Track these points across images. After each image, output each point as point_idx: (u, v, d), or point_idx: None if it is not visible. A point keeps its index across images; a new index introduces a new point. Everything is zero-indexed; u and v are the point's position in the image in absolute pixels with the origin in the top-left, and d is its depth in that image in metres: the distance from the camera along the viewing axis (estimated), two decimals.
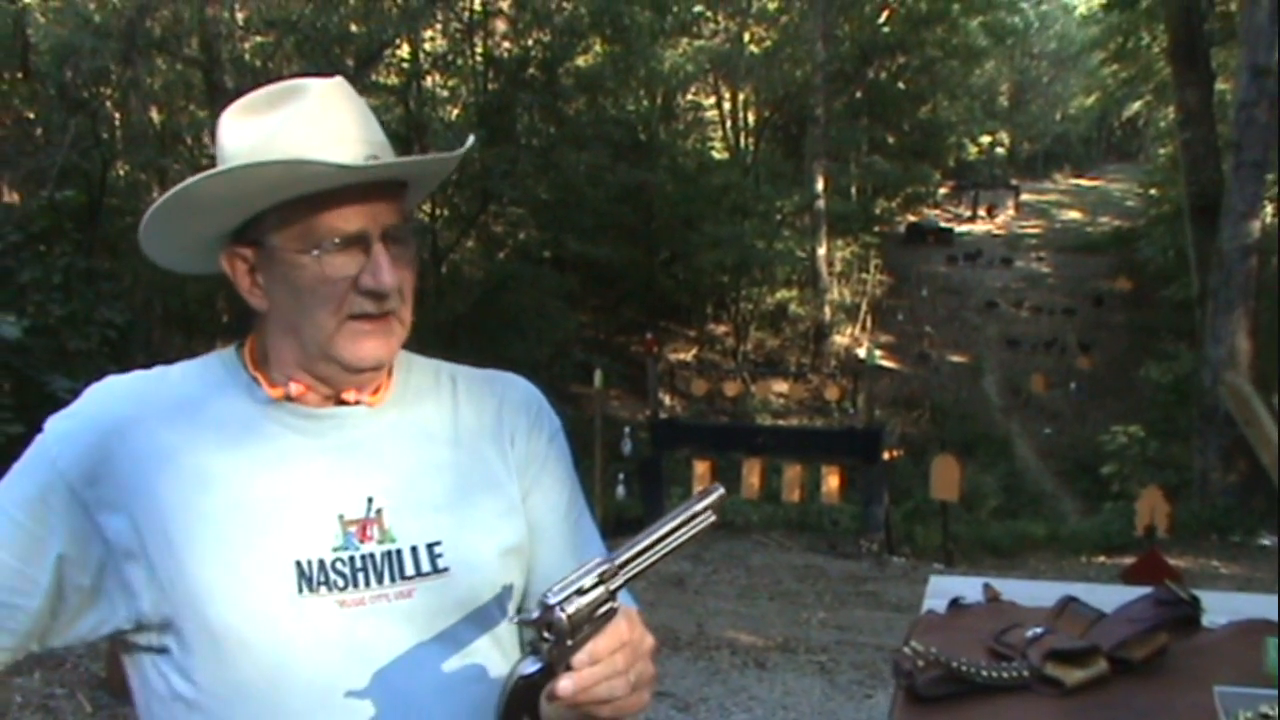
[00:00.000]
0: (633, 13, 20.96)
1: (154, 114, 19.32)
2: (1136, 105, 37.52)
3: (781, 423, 21.01)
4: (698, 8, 25.37)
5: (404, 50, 20.84)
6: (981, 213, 39.75)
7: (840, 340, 27.13)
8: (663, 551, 1.15)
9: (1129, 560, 8.74)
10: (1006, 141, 49.48)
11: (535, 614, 1.06)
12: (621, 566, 1.11)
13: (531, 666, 1.08)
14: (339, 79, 1.26)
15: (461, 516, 1.28)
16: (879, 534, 12.12)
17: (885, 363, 25.46)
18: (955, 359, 26.99)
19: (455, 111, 21.74)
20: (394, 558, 1.23)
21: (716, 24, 28.07)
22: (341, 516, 1.22)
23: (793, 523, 13.14)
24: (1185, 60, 16.81)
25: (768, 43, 29.54)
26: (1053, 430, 23.57)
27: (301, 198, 1.17)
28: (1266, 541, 12.59)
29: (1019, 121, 49.35)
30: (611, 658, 1.06)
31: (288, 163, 1.14)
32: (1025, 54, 50.21)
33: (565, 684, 1.03)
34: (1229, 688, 1.53)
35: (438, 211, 20.87)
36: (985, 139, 43.96)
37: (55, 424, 1.22)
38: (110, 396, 1.24)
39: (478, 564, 1.27)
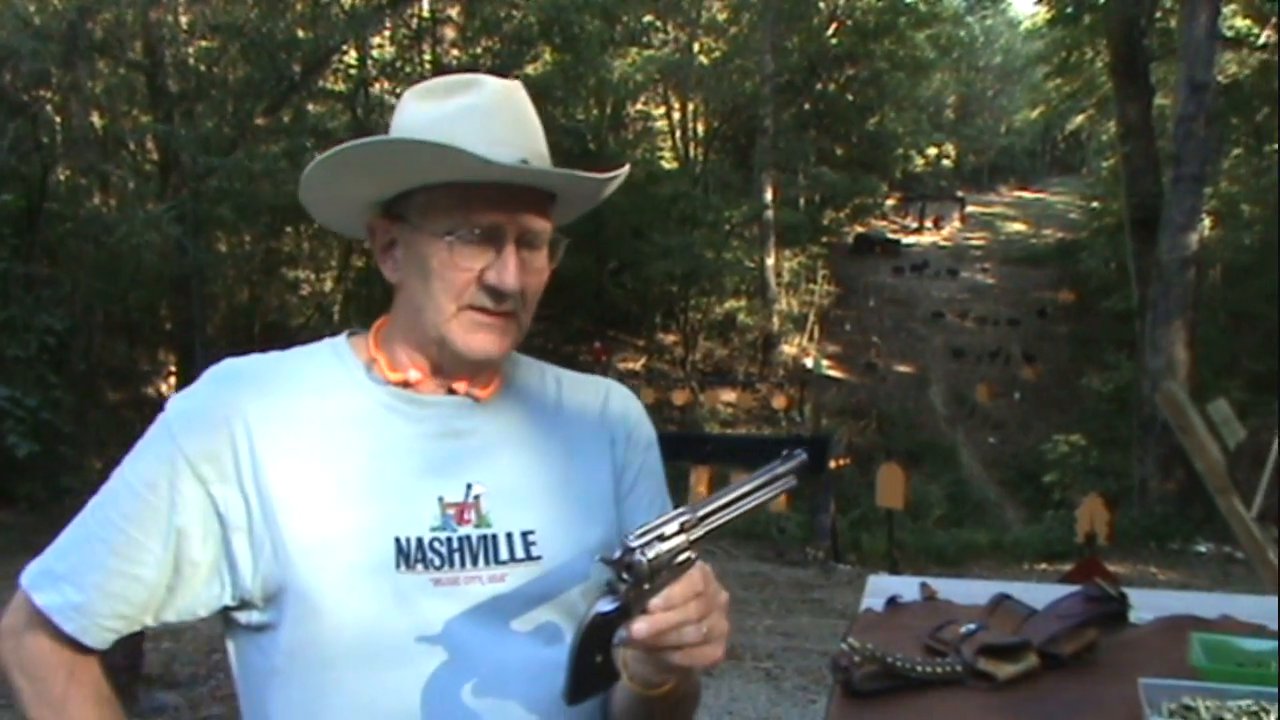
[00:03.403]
0: (582, 22, 20.97)
1: (96, 118, 19.04)
2: (1079, 119, 38.06)
3: (729, 431, 21.08)
4: (648, 18, 25.42)
5: (351, 56, 20.71)
6: (928, 224, 40.06)
7: (788, 350, 27.22)
8: (743, 509, 1.20)
9: (1069, 567, 8.84)
10: (952, 154, 49.86)
11: (617, 554, 1.09)
12: (703, 519, 1.15)
13: (608, 605, 1.10)
14: (517, 83, 1.31)
15: (556, 510, 1.33)
16: (825, 542, 12.21)
17: (832, 372, 25.66)
18: (902, 369, 27.19)
19: None
20: (489, 542, 1.27)
21: (666, 34, 28.16)
22: (441, 499, 1.26)
23: (739, 531, 13.13)
24: (1126, 75, 17.11)
25: (717, 54, 29.68)
26: (997, 439, 23.80)
27: (449, 184, 1.23)
28: (1203, 548, 12.84)
29: (965, 134, 49.76)
30: (686, 605, 1.08)
31: (437, 146, 1.19)
32: (971, 67, 50.79)
33: (640, 625, 1.06)
34: (1154, 680, 1.56)
35: None
36: (932, 151, 44.29)
37: (176, 403, 1.28)
38: (227, 378, 1.29)
39: (569, 556, 1.30)
